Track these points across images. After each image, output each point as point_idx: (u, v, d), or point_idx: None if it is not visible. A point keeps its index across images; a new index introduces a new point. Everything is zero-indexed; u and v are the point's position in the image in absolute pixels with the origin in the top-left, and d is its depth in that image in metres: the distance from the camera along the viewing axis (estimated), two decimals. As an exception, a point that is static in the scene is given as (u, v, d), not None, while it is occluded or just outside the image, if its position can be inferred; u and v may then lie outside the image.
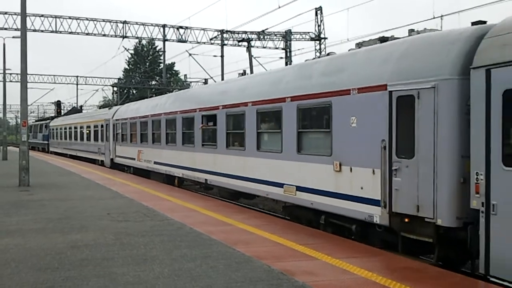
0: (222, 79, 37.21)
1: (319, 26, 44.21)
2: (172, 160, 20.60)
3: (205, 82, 37.25)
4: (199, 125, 17.69)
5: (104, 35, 43.13)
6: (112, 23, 43.30)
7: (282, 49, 45.30)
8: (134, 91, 73.33)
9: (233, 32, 43.98)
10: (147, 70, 78.62)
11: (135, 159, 25.82)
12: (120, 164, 28.88)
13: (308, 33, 45.01)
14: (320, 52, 42.97)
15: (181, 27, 44.52)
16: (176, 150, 20.14)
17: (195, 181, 19.01)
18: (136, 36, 44.89)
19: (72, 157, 42.18)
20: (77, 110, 59.12)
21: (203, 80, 41.09)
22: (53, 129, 53.96)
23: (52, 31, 41.84)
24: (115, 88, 61.12)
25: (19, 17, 22.54)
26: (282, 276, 7.24)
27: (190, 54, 35.55)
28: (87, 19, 42.46)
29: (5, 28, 39.85)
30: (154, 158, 22.83)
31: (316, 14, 44.09)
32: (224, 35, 43.81)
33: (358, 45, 11.39)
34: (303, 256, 8.51)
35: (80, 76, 67.90)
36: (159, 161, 22.18)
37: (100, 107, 68.66)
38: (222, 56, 42.12)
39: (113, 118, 30.17)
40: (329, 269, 7.76)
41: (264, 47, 45.06)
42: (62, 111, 61.83)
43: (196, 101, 18.90)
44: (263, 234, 10.27)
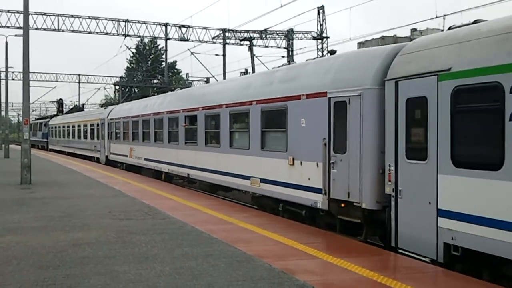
0: (224, 78, 37.26)
1: (321, 25, 44.13)
2: (160, 157, 22.21)
3: (207, 81, 37.30)
4: (182, 124, 19.35)
5: (106, 34, 43.03)
6: (114, 22, 43.21)
7: (284, 48, 45.22)
8: (136, 90, 73.37)
9: (235, 31, 43.91)
10: (149, 69, 78.66)
11: (128, 156, 27.30)
12: (114, 161, 30.24)
13: (310, 32, 44.94)
14: (322, 51, 42.92)
15: (183, 26, 44.42)
16: (163, 148, 21.78)
17: (180, 176, 20.71)
18: (138, 35, 44.82)
19: (70, 155, 42.56)
20: (79, 109, 59.24)
21: (205, 79, 41.13)
22: (52, 128, 54.28)
23: (54, 30, 41.84)
24: (117, 87, 61.22)
25: (22, 16, 22.55)
26: (283, 275, 7.25)
27: (192, 53, 35.60)
28: (89, 18, 42.40)
29: (8, 26, 39.83)
30: (144, 155, 24.61)
31: (318, 13, 44.01)
32: (226, 34, 43.71)
33: (360, 45, 11.61)
34: (304, 255, 8.52)
35: (82, 75, 67.87)
36: (149, 158, 23.92)
37: (102, 106, 68.82)
38: (224, 55, 41.99)
39: (108, 118, 31.72)
40: (330, 268, 7.78)
41: (266, 46, 45.05)
42: (64, 110, 61.99)
43: (181, 103, 20.51)
44: (264, 233, 10.29)
